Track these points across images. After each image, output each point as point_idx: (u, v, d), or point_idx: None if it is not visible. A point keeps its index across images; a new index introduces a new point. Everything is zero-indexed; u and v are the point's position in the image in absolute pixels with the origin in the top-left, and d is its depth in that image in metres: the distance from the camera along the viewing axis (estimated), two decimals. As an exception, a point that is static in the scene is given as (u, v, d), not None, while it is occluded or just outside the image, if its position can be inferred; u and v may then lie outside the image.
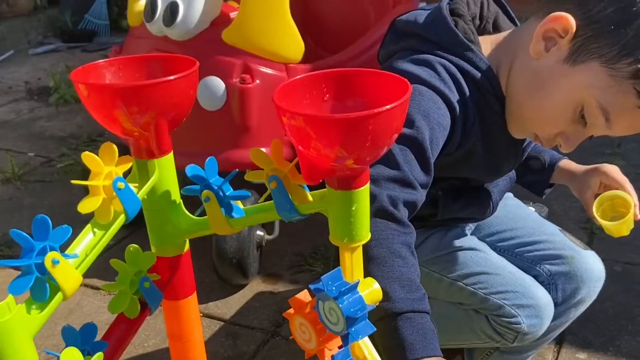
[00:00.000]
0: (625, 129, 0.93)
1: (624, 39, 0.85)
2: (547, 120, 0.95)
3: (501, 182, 1.16)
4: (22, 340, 0.64)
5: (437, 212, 1.11)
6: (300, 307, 0.76)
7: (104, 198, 0.72)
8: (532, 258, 1.17)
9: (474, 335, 1.14)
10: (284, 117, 0.65)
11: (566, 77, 0.90)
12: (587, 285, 1.15)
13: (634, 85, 0.86)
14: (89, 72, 0.77)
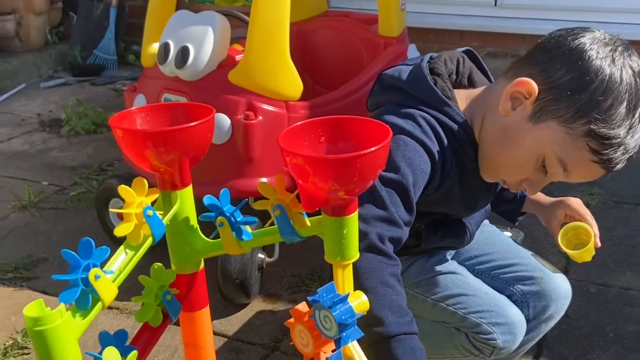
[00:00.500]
0: (581, 177, 1.07)
1: (578, 102, 0.99)
2: (513, 168, 1.09)
3: (477, 215, 1.30)
4: (70, 342, 0.77)
5: (421, 243, 1.24)
6: (299, 317, 0.89)
7: (135, 224, 0.86)
8: (507, 279, 1.31)
9: (456, 350, 1.27)
10: (287, 157, 0.79)
11: (530, 133, 1.04)
12: (555, 303, 1.29)
13: (587, 142, 1.00)
14: (123, 117, 0.92)
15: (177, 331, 1.67)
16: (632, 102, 1.00)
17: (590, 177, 1.07)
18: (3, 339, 1.67)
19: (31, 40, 3.84)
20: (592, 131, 0.99)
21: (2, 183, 2.53)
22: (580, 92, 1.00)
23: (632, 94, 1.00)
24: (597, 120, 0.99)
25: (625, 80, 1.00)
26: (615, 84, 0.99)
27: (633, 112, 1.00)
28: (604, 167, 1.03)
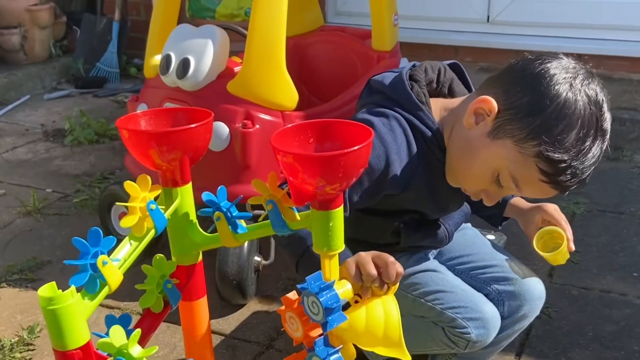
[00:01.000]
0: (534, 194, 1.14)
1: (532, 124, 1.07)
2: (471, 178, 1.17)
3: (456, 216, 1.38)
4: (79, 321, 0.84)
5: (400, 241, 1.33)
6: (289, 304, 0.97)
7: (139, 216, 0.94)
8: (484, 279, 1.38)
9: (434, 343, 1.34)
10: (278, 155, 0.87)
11: (487, 148, 1.12)
12: (529, 303, 1.35)
13: (536, 163, 1.07)
14: (129, 120, 1.00)
15: (177, 329, 1.74)
16: (584, 130, 1.06)
17: (543, 195, 1.14)
18: (9, 336, 1.75)
19: (36, 53, 3.93)
20: (541, 153, 1.06)
21: (7, 190, 2.61)
22: (534, 115, 1.07)
23: (585, 121, 1.06)
24: (546, 144, 1.05)
25: (580, 108, 1.06)
26: (569, 110, 1.05)
27: (584, 139, 1.06)
28: (554, 188, 1.10)
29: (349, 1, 3.69)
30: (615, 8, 3.29)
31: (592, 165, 1.10)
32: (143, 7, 4.16)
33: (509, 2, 3.43)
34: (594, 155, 1.09)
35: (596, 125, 1.08)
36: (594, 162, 1.10)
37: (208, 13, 2.78)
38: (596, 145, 1.08)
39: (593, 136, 1.08)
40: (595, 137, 1.08)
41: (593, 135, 1.08)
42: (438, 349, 1.35)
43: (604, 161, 2.61)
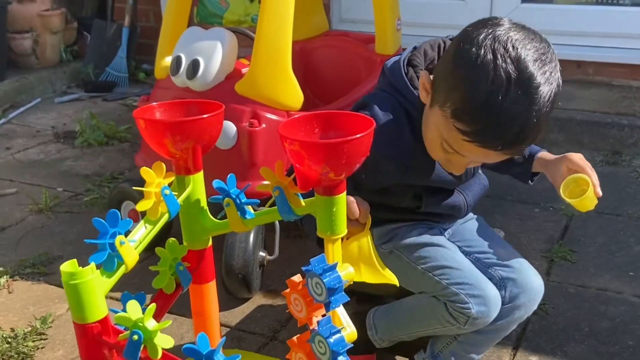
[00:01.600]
0: (477, 158, 1.21)
1: (447, 88, 1.15)
2: (429, 148, 1.26)
3: (474, 187, 1.47)
4: (98, 296, 0.91)
5: (422, 205, 1.41)
6: (294, 286, 1.03)
7: (154, 201, 1.00)
8: (489, 263, 1.44)
9: (436, 320, 1.39)
10: (286, 143, 0.94)
11: (429, 117, 1.22)
12: (528, 293, 1.41)
13: (454, 124, 1.14)
14: (145, 111, 1.07)
15: (184, 321, 1.80)
16: (495, 88, 1.08)
17: (486, 159, 1.20)
18: (23, 326, 1.81)
19: (47, 58, 4.01)
20: (454, 114, 1.13)
21: (19, 188, 2.68)
22: (447, 79, 1.15)
23: (498, 80, 1.08)
24: (457, 104, 1.13)
25: (491, 68, 1.08)
26: (478, 70, 1.09)
27: (495, 98, 1.08)
28: (488, 148, 1.14)
29: (352, 8, 3.76)
30: (615, 16, 3.35)
31: (515, 124, 1.10)
32: (152, 14, 4.24)
33: (511, 10, 3.49)
34: (514, 114, 1.09)
35: (511, 84, 1.08)
36: (519, 121, 1.10)
37: (216, 19, 2.86)
38: (515, 104, 1.08)
39: (508, 95, 1.08)
40: (510, 95, 1.08)
41: (506, 93, 1.08)
42: (439, 327, 1.40)
43: (603, 165, 2.71)
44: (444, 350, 1.47)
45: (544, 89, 1.10)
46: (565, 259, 2.08)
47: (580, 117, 2.93)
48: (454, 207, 1.44)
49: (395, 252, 1.44)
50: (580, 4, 3.78)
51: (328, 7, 3.71)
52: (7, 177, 2.80)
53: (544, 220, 2.32)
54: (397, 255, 1.44)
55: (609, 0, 3.64)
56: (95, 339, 0.90)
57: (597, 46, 3.34)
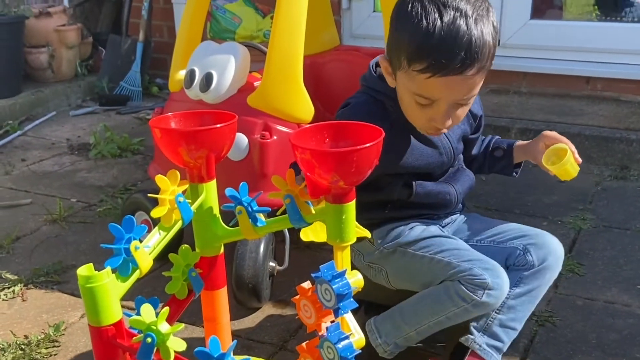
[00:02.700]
0: (448, 95, 1.29)
1: (393, 47, 1.32)
2: (411, 115, 1.38)
3: (462, 179, 1.54)
4: (113, 299, 0.93)
5: (412, 192, 1.47)
6: (304, 292, 1.05)
7: (168, 208, 1.03)
8: (505, 239, 1.49)
9: (450, 302, 1.38)
10: (297, 152, 0.96)
11: (399, 89, 1.36)
12: (553, 254, 1.46)
13: (412, 69, 1.27)
14: (161, 121, 1.10)
15: (194, 330, 1.82)
16: (430, 20, 1.23)
17: (455, 94, 1.29)
18: (36, 333, 1.84)
19: (62, 72, 4.08)
20: (407, 59, 1.27)
21: (34, 199, 2.72)
22: (395, 41, 1.30)
23: (430, 16, 1.23)
24: (407, 51, 1.26)
25: (419, 9, 1.24)
26: (411, 15, 1.25)
27: (433, 27, 1.22)
28: (448, 74, 1.24)
29: (364, 24, 3.81)
30: (623, 32, 3.38)
31: (460, 40, 1.22)
32: (166, 29, 4.31)
33: (520, 27, 3.52)
34: (456, 31, 1.22)
35: (442, 11, 1.23)
36: (463, 36, 1.22)
37: (228, 34, 2.90)
38: (453, 23, 1.22)
39: (443, 20, 1.22)
40: (445, 20, 1.22)
41: (441, 19, 1.22)
42: (454, 310, 1.39)
43: (611, 180, 2.72)
44: (488, 328, 1.46)
45: (471, 9, 1.24)
46: (573, 272, 2.08)
47: (588, 132, 2.95)
48: (445, 196, 1.50)
49: (400, 250, 1.47)
50: (589, 20, 3.81)
51: (339, 23, 3.76)
52: (22, 187, 2.85)
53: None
54: (402, 251, 1.47)
55: (618, 17, 3.68)
56: (110, 342, 0.93)
57: (606, 62, 3.36)
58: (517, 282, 1.45)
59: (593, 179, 2.77)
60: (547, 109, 3.25)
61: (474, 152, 1.63)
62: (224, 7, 2.86)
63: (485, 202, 2.51)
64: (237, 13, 2.87)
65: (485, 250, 1.47)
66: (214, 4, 2.90)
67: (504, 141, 1.63)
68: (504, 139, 1.64)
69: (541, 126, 3.00)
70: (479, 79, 1.29)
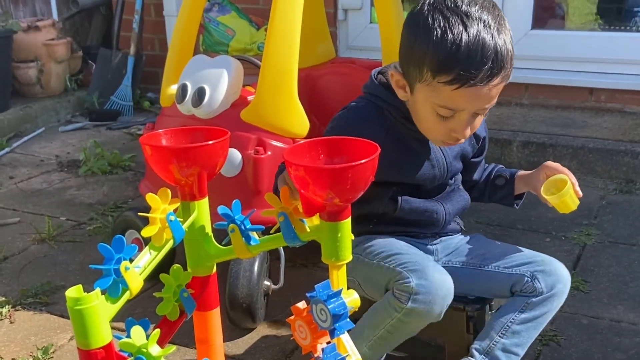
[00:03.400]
0: (473, 104, 1.29)
1: (413, 61, 1.30)
2: (431, 128, 1.36)
3: (455, 199, 1.50)
4: (103, 321, 0.89)
5: (397, 208, 1.45)
6: (299, 313, 1.02)
7: (159, 227, 0.99)
8: (512, 265, 1.45)
9: (385, 312, 1.35)
10: (290, 168, 0.93)
11: (417, 101, 1.34)
12: (562, 282, 1.42)
13: (438, 81, 1.26)
14: (151, 138, 1.06)
15: (187, 351, 1.78)
16: (455, 32, 1.23)
17: (480, 103, 1.29)
18: (24, 356, 1.79)
19: (51, 87, 4.03)
20: (434, 73, 1.25)
21: (22, 218, 2.67)
22: (414, 54, 1.28)
23: (455, 28, 1.23)
24: (433, 63, 1.25)
25: (441, 21, 1.24)
26: (434, 27, 1.24)
27: (459, 39, 1.23)
28: (473, 85, 1.24)
29: (360, 36, 3.79)
30: (627, 42, 3.34)
31: (487, 49, 1.23)
32: (158, 42, 4.28)
33: (521, 37, 3.48)
34: (482, 42, 1.23)
35: (466, 22, 1.23)
36: (490, 45, 1.23)
37: (222, 47, 2.87)
38: (478, 34, 1.23)
39: (468, 31, 1.23)
40: (470, 31, 1.23)
41: (466, 31, 1.23)
42: (390, 320, 1.35)
43: (617, 194, 2.69)
44: (490, 351, 1.43)
45: (493, 19, 1.25)
46: (577, 289, 2.04)
47: (592, 145, 2.90)
48: (432, 214, 1.47)
49: (360, 258, 1.44)
50: (592, 30, 3.77)
51: (335, 34, 3.74)
52: (10, 206, 2.80)
53: (555, 249, 2.28)
54: (361, 260, 1.43)
55: (621, 26, 3.65)
56: (99, 367, 0.89)
57: (609, 73, 3.32)
58: (524, 307, 1.42)
59: (597, 193, 2.73)
60: (549, 121, 3.21)
61: (475, 177, 1.60)
62: (217, 20, 2.83)
63: (487, 218, 2.47)
64: (231, 25, 2.84)
65: (491, 277, 1.45)
66: (206, 17, 2.87)
67: (507, 170, 1.60)
68: (507, 168, 1.60)
69: (543, 139, 2.96)
70: (501, 87, 1.31)
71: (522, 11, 3.48)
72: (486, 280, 1.47)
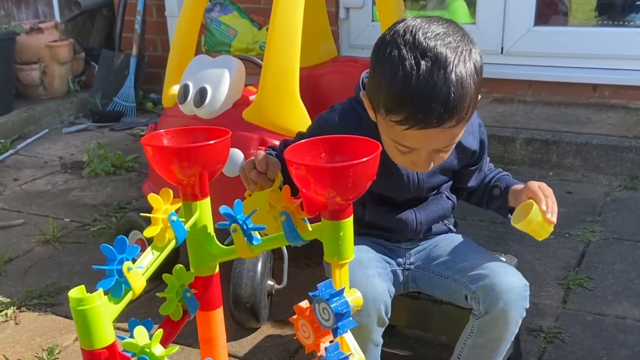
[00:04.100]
0: (427, 144, 1.24)
1: (375, 93, 1.25)
2: (392, 158, 1.31)
3: (431, 208, 1.46)
4: (106, 321, 0.89)
5: (365, 214, 1.42)
6: (301, 312, 1.02)
7: (161, 227, 0.99)
8: (464, 277, 1.37)
9: None
10: (291, 167, 0.93)
11: (380, 129, 1.30)
12: (503, 295, 1.30)
13: (390, 119, 1.21)
14: (153, 138, 1.06)
15: (191, 351, 1.78)
16: (406, 71, 1.16)
17: (435, 144, 1.24)
18: (29, 357, 1.79)
19: (55, 88, 4.04)
20: (386, 111, 1.21)
21: (26, 219, 2.68)
22: (374, 84, 1.25)
23: (406, 65, 1.16)
24: (385, 100, 1.20)
25: (395, 57, 1.18)
26: (388, 62, 1.18)
27: (409, 79, 1.16)
28: (419, 129, 1.19)
29: (362, 34, 3.78)
30: (631, 38, 3.32)
31: (438, 94, 1.15)
32: (160, 43, 4.29)
33: (523, 33, 3.47)
34: (432, 85, 1.15)
35: (419, 61, 1.16)
36: (441, 90, 1.15)
37: (224, 47, 2.88)
38: (430, 76, 1.15)
39: (419, 71, 1.15)
40: (422, 71, 1.15)
41: (418, 71, 1.16)
42: None
43: (621, 190, 2.68)
44: None
45: (451, 55, 1.17)
46: (582, 286, 2.04)
47: (596, 142, 2.90)
48: (400, 222, 1.44)
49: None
50: (595, 25, 3.75)
51: (337, 33, 3.74)
52: (14, 208, 2.81)
53: (559, 246, 2.28)
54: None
55: (624, 22, 3.63)
56: (102, 367, 0.89)
57: (613, 69, 3.31)
58: (472, 329, 1.37)
59: (602, 189, 2.73)
60: (553, 118, 3.20)
61: (470, 184, 1.52)
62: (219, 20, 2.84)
63: (490, 215, 2.45)
64: (233, 25, 2.84)
65: (450, 286, 1.40)
66: (208, 17, 2.87)
67: (505, 180, 1.50)
68: (507, 178, 1.51)
69: (547, 136, 2.95)
70: (459, 129, 1.23)
71: (525, 8, 3.47)
72: (447, 288, 1.42)
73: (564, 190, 2.72)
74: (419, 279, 1.48)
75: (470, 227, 2.40)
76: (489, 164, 1.55)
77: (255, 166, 1.29)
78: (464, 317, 1.44)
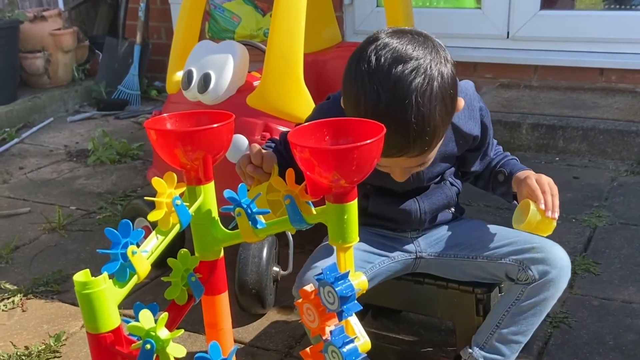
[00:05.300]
0: (396, 165, 1.24)
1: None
2: None
3: (435, 196, 1.44)
4: (110, 305, 0.89)
5: (368, 205, 1.41)
6: (307, 296, 1.01)
7: (165, 211, 0.99)
8: (502, 254, 1.38)
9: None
10: (295, 150, 0.93)
11: None
12: (556, 267, 1.34)
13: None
14: (156, 122, 1.06)
15: (197, 337, 1.78)
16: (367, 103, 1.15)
17: (404, 165, 1.24)
18: (37, 344, 1.80)
19: (59, 77, 4.04)
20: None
21: (32, 207, 2.68)
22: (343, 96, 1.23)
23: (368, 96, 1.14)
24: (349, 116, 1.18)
25: (358, 87, 1.16)
26: (353, 90, 1.17)
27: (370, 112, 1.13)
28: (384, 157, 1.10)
29: (367, 20, 3.76)
30: (637, 21, 3.29)
31: (398, 129, 1.12)
32: (164, 31, 4.28)
33: (529, 18, 3.44)
34: (392, 119, 1.10)
35: (379, 94, 1.13)
36: (401, 125, 1.13)
37: (227, 34, 2.87)
38: (390, 110, 1.12)
39: (379, 104, 1.13)
40: (381, 105, 1.13)
41: (378, 103, 1.13)
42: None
43: (628, 175, 2.66)
44: (488, 341, 1.42)
45: (416, 84, 1.13)
46: (588, 271, 2.03)
47: (603, 126, 2.87)
48: (404, 212, 1.42)
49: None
50: (601, 9, 3.72)
51: (341, 19, 3.72)
52: (20, 196, 2.81)
53: (566, 231, 2.27)
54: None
55: (631, 5, 3.59)
56: (108, 349, 0.89)
57: (620, 52, 3.28)
58: (519, 295, 1.38)
59: (609, 174, 2.71)
60: (559, 103, 3.17)
61: (474, 168, 1.49)
62: (223, 6, 2.82)
63: (496, 201, 2.45)
64: (236, 12, 2.83)
65: (483, 267, 1.41)
66: (212, 3, 2.86)
67: (510, 165, 1.47)
68: (512, 163, 1.48)
69: (553, 121, 2.93)
70: (428, 153, 1.22)
71: (531, -8, 3.44)
72: (479, 270, 1.42)
73: (571, 175, 2.71)
74: (436, 266, 1.46)
75: (476, 213, 2.39)
76: (496, 147, 1.52)
77: (251, 160, 1.27)
78: (469, 301, 1.46)
